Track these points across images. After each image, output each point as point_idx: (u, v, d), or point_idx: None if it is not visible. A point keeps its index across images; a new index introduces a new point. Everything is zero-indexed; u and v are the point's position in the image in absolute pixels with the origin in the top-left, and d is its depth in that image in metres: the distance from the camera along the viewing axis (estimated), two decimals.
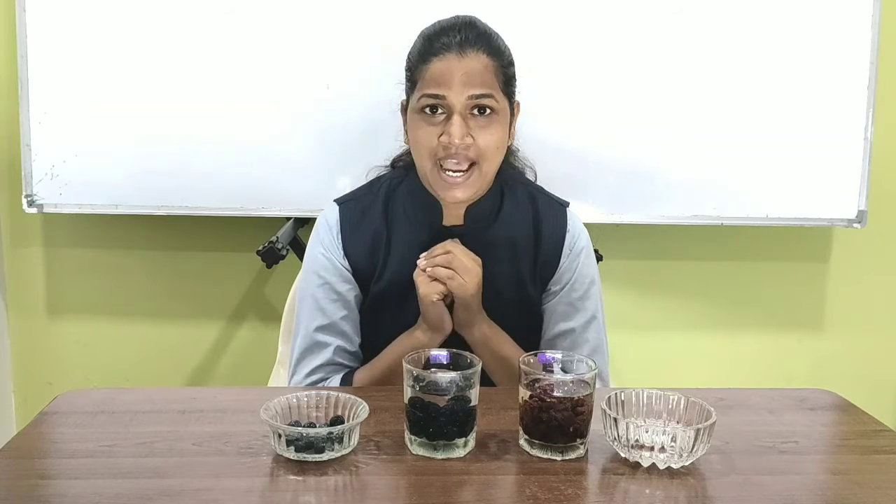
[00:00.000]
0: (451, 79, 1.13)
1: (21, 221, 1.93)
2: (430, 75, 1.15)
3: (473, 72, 1.14)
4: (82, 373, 2.00)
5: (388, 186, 1.29)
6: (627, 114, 1.78)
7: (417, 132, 1.18)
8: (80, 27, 1.70)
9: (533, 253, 1.26)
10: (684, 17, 1.76)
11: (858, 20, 1.78)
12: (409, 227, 1.25)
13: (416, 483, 0.86)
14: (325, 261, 1.26)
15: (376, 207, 1.27)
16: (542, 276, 1.27)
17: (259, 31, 1.72)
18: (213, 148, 1.75)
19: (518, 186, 1.30)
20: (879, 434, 1.02)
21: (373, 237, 1.25)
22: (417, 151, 1.19)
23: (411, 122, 1.20)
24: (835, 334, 2.09)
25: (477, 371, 0.93)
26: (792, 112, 1.80)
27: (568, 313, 1.27)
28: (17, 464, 0.89)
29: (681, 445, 0.89)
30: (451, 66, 1.14)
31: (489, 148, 1.16)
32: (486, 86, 1.15)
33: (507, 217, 1.26)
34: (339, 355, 1.25)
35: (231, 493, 0.82)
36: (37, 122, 1.73)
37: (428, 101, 1.15)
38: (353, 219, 1.27)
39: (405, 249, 1.23)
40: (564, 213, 1.30)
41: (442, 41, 1.15)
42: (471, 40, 1.15)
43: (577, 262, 1.27)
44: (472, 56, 1.14)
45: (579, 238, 1.29)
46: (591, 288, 1.28)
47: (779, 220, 1.85)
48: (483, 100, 1.14)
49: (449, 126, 1.14)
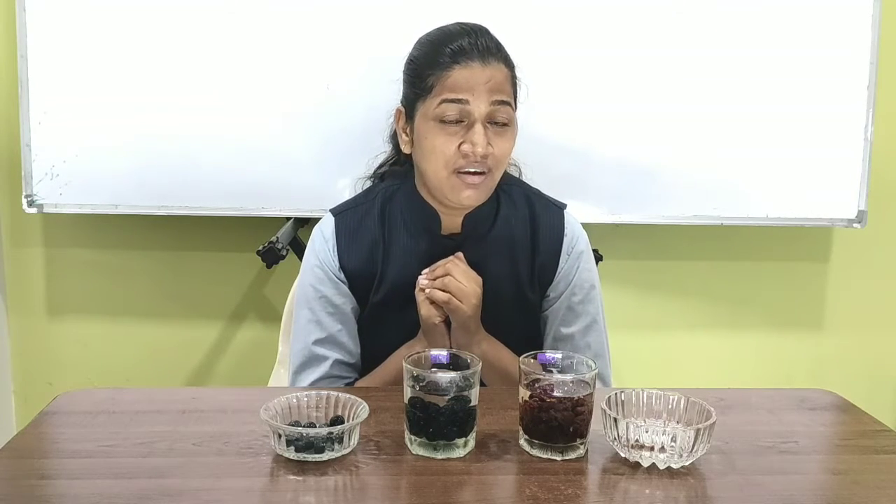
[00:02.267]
0: (475, 86, 1.13)
1: (21, 221, 1.93)
2: (451, 82, 1.13)
3: (496, 80, 1.14)
4: (82, 373, 2.00)
5: (384, 195, 1.27)
6: (627, 113, 1.78)
7: (434, 140, 1.15)
8: (80, 27, 1.70)
9: (531, 256, 1.26)
10: (684, 17, 1.76)
11: (858, 21, 1.78)
12: (406, 236, 1.24)
13: (416, 483, 0.86)
14: (321, 273, 1.25)
15: (373, 216, 1.26)
16: (541, 280, 1.27)
17: (259, 31, 1.72)
18: (212, 148, 1.75)
19: (514, 189, 1.29)
20: (879, 434, 1.02)
21: (370, 246, 1.24)
22: (433, 159, 1.16)
23: (426, 129, 1.16)
24: (835, 334, 2.09)
25: (477, 371, 0.93)
26: (792, 112, 1.80)
27: (568, 318, 1.27)
28: (17, 464, 0.89)
29: (681, 445, 0.89)
30: (474, 73, 1.13)
31: (504, 156, 1.17)
32: (507, 94, 1.16)
33: (504, 220, 1.26)
34: (338, 368, 1.24)
35: (231, 493, 0.83)
36: (37, 122, 1.73)
37: (448, 107, 1.13)
38: (349, 228, 1.25)
39: (403, 258, 1.23)
40: (562, 216, 1.29)
41: (461, 47, 1.14)
42: (491, 49, 1.15)
43: (576, 266, 1.27)
44: (495, 65, 1.15)
45: (578, 241, 1.28)
46: (591, 292, 1.28)
47: (779, 220, 1.85)
48: (502, 108, 1.14)
49: (471, 135, 1.13)
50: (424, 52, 1.19)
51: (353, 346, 1.26)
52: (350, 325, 1.26)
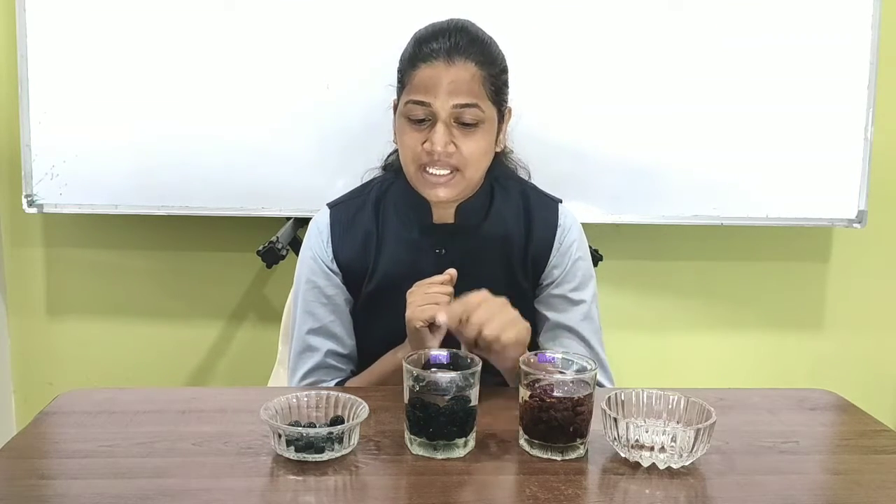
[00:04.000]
0: (437, 86, 1.13)
1: (21, 221, 1.93)
2: (417, 81, 1.15)
3: (460, 80, 1.13)
4: (82, 373, 2.00)
5: (379, 188, 1.29)
6: (628, 114, 1.78)
7: (403, 136, 1.19)
8: (80, 27, 1.70)
9: (523, 248, 1.27)
10: (684, 17, 1.76)
11: (858, 21, 1.78)
12: (399, 226, 1.26)
13: (416, 483, 0.86)
14: (314, 265, 1.26)
15: (367, 208, 1.27)
16: (534, 271, 1.28)
17: (259, 31, 1.72)
18: (212, 148, 1.75)
19: (510, 183, 1.30)
20: (879, 434, 1.02)
21: (364, 237, 1.26)
22: (402, 154, 1.20)
23: (398, 124, 1.20)
24: (835, 334, 2.09)
25: (477, 371, 0.93)
26: (792, 112, 1.80)
27: (561, 306, 1.27)
28: (17, 464, 0.89)
29: (681, 445, 0.89)
30: (438, 73, 1.14)
31: (472, 156, 1.17)
32: (473, 95, 1.14)
33: (497, 213, 1.26)
34: (331, 358, 1.26)
35: (231, 493, 0.82)
36: (37, 122, 1.73)
37: (413, 108, 1.15)
38: (343, 220, 1.27)
39: (396, 248, 1.24)
40: (556, 209, 1.30)
41: (431, 46, 1.15)
42: (460, 47, 1.14)
43: (567, 255, 1.27)
44: (460, 65, 1.14)
45: (570, 231, 1.29)
46: (584, 280, 1.28)
47: (779, 220, 1.85)
48: (467, 110, 1.14)
49: (432, 134, 1.14)
50: (407, 48, 1.21)
51: (347, 336, 1.27)
52: (343, 317, 1.27)
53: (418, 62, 1.15)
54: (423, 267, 1.20)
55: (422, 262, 1.23)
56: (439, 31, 1.17)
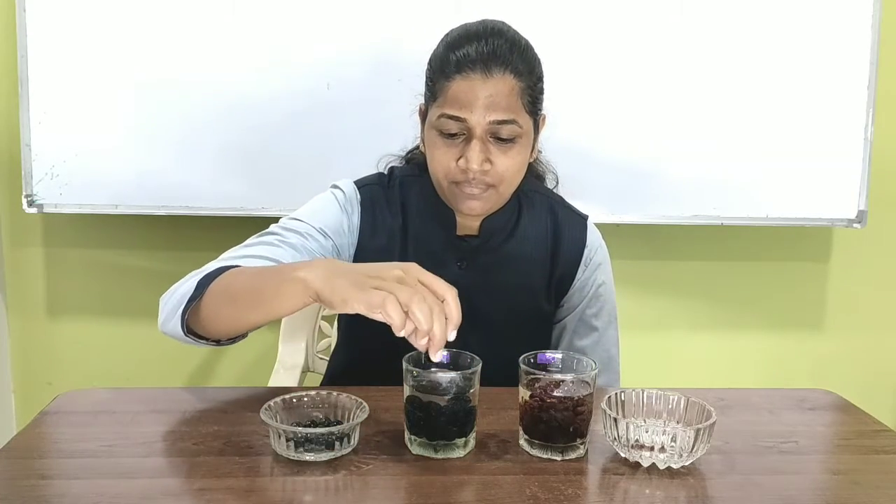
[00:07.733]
0: (474, 102, 1.06)
1: (21, 221, 1.93)
2: (451, 94, 1.07)
3: (498, 94, 1.06)
4: (82, 373, 2.00)
5: (401, 185, 1.23)
6: (628, 114, 1.79)
7: (434, 150, 1.12)
8: (80, 27, 1.71)
9: (549, 268, 1.23)
10: (685, 18, 1.76)
11: (858, 21, 1.78)
12: (422, 233, 1.20)
13: (416, 483, 0.86)
14: (332, 203, 1.17)
15: (392, 205, 1.21)
16: (557, 291, 1.25)
17: (259, 31, 1.72)
18: (212, 148, 1.75)
19: (537, 198, 1.25)
20: (879, 434, 1.02)
21: (388, 236, 1.20)
22: (433, 167, 1.14)
23: (428, 137, 1.13)
24: (835, 334, 2.09)
25: (477, 371, 0.93)
26: (792, 112, 1.80)
27: (581, 330, 1.26)
28: (17, 464, 0.88)
29: (681, 445, 0.89)
30: (474, 87, 1.05)
31: (508, 172, 1.10)
32: (511, 111, 1.07)
33: (524, 232, 1.22)
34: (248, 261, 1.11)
35: (231, 493, 0.82)
36: (37, 122, 1.73)
37: (447, 122, 1.08)
38: (369, 206, 1.20)
39: (416, 256, 1.17)
40: (584, 227, 1.26)
41: (466, 53, 1.06)
42: (498, 57, 1.06)
43: (592, 278, 1.25)
44: (498, 77, 1.06)
45: (597, 252, 1.26)
46: (605, 306, 1.27)
47: (779, 220, 1.85)
48: (505, 126, 1.07)
49: (467, 151, 1.08)
50: (437, 54, 1.13)
51: None
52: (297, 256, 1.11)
53: (453, 73, 1.07)
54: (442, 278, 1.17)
55: (441, 273, 1.20)
56: (473, 36, 1.08)
